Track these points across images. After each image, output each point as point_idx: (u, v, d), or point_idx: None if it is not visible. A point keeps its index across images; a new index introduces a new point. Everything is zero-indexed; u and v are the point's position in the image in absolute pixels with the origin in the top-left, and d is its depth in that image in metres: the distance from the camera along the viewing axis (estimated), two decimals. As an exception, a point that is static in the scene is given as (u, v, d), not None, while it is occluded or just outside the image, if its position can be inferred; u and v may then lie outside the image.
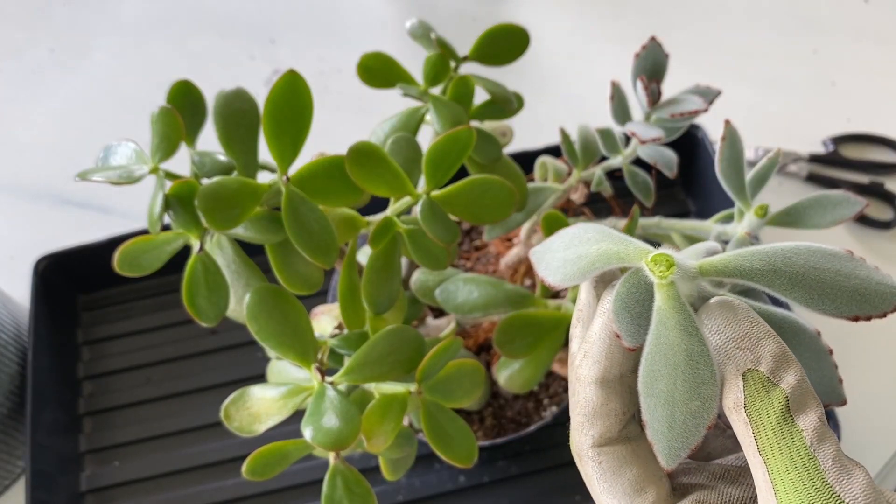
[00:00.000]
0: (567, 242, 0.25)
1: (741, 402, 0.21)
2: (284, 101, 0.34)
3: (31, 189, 0.72)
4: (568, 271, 0.24)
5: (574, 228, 0.26)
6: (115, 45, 0.81)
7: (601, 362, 0.24)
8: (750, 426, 0.21)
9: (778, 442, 0.20)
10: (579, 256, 0.24)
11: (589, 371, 0.24)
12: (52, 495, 0.55)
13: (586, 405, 0.24)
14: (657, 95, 0.43)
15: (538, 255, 0.26)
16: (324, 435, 0.33)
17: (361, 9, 0.83)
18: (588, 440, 0.24)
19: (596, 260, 0.23)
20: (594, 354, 0.24)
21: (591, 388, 0.24)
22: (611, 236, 0.24)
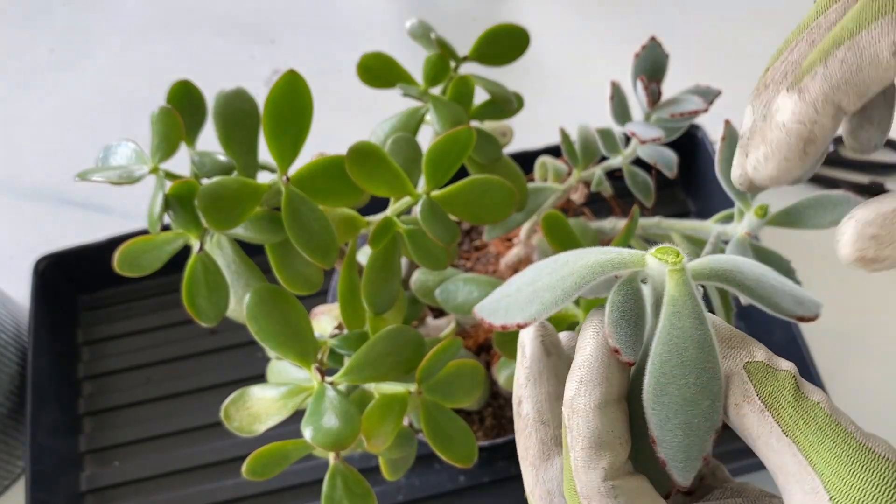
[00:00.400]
0: (532, 277, 0.24)
1: (752, 391, 0.21)
2: (284, 101, 0.34)
3: (31, 189, 0.72)
4: (547, 298, 0.22)
5: (533, 266, 0.24)
6: (115, 45, 0.81)
7: (601, 385, 0.22)
8: (768, 412, 0.21)
9: (801, 418, 0.21)
10: (562, 278, 0.22)
11: (589, 398, 0.22)
12: (52, 495, 0.55)
13: (591, 436, 0.22)
14: (657, 95, 0.43)
15: (487, 308, 0.24)
16: (324, 435, 0.33)
17: (361, 9, 0.83)
18: (599, 474, 0.22)
19: (587, 273, 0.22)
20: (593, 378, 0.22)
21: (594, 415, 0.22)
22: (593, 251, 0.23)
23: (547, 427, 0.24)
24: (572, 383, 0.22)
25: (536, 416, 0.24)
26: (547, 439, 0.24)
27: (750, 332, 0.61)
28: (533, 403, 0.24)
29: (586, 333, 0.23)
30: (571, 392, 0.22)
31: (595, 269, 0.22)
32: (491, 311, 0.23)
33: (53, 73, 0.79)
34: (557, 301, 0.22)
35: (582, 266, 0.22)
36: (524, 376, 0.24)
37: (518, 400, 0.24)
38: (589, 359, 0.23)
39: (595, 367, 0.22)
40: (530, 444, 0.24)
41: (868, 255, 0.20)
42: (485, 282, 0.45)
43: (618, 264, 0.22)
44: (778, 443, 0.21)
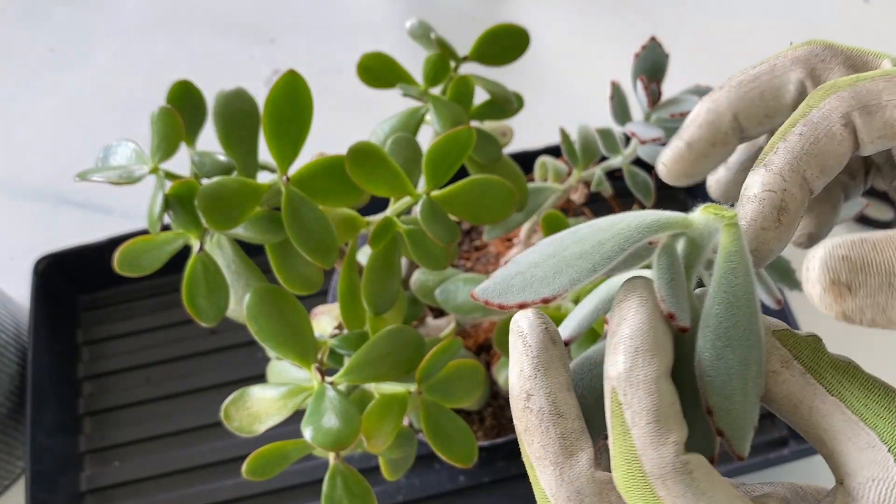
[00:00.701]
0: (551, 251, 0.22)
1: (789, 356, 0.21)
2: (284, 101, 0.34)
3: (31, 189, 0.72)
4: (583, 265, 0.20)
5: (544, 242, 0.23)
6: (115, 45, 0.81)
7: (658, 354, 0.20)
8: (809, 374, 0.21)
9: (843, 376, 0.21)
10: (599, 243, 0.21)
11: (649, 368, 0.20)
12: (52, 495, 0.55)
13: (656, 409, 0.20)
14: (657, 95, 0.43)
15: (494, 289, 0.22)
16: (324, 435, 0.33)
17: (361, 9, 0.83)
18: (671, 449, 0.20)
19: (632, 234, 0.20)
20: (649, 347, 0.20)
21: (656, 386, 0.20)
22: (626, 215, 0.22)
23: (565, 420, 0.21)
24: (623, 355, 0.20)
25: (552, 409, 0.22)
26: (567, 433, 0.21)
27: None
28: (546, 395, 0.22)
29: (630, 302, 0.21)
30: (626, 364, 0.20)
31: (640, 229, 0.21)
32: (500, 291, 0.22)
33: (53, 73, 0.79)
34: (595, 267, 0.20)
35: (623, 228, 0.21)
36: (531, 367, 0.22)
37: (525, 394, 0.22)
38: (642, 327, 0.21)
39: (650, 336, 0.21)
40: (549, 441, 0.21)
41: (841, 279, 0.19)
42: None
43: (664, 224, 0.21)
44: (824, 404, 0.21)
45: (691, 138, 0.24)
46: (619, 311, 0.21)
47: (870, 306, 0.19)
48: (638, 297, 0.21)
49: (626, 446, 0.20)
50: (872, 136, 0.22)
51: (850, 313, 0.19)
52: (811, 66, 0.24)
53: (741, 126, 0.24)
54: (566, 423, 0.21)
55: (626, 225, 0.21)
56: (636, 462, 0.20)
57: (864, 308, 0.19)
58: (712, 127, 0.24)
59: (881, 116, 0.22)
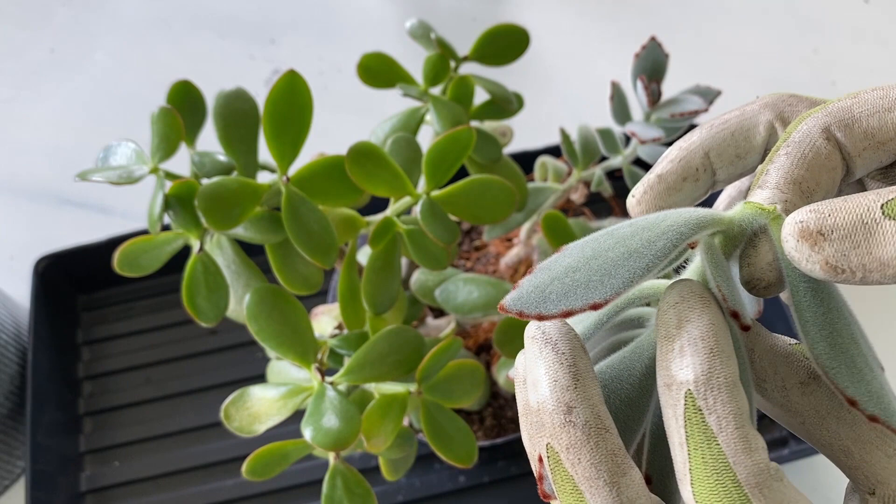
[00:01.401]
0: (589, 253, 0.20)
1: (813, 367, 0.21)
2: (284, 101, 0.34)
3: (31, 189, 0.72)
4: (636, 265, 0.19)
5: (574, 246, 0.21)
6: (115, 45, 0.81)
7: (732, 356, 0.19)
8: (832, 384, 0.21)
9: None
10: (649, 241, 0.20)
11: (728, 370, 0.19)
12: (52, 495, 0.55)
13: (741, 413, 0.19)
14: (657, 95, 0.43)
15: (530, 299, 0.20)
16: (324, 435, 0.33)
17: (361, 9, 0.83)
18: (762, 455, 0.18)
19: (686, 230, 0.20)
20: (724, 349, 0.19)
21: (737, 389, 0.19)
22: (668, 214, 0.21)
23: (612, 435, 0.20)
24: (700, 357, 0.19)
25: (598, 423, 0.20)
26: (616, 449, 0.20)
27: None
28: (590, 408, 0.20)
29: (692, 302, 0.20)
30: (704, 366, 0.19)
31: (690, 226, 0.20)
32: (538, 301, 0.20)
33: (53, 73, 0.79)
34: (649, 266, 0.19)
35: (672, 225, 0.20)
36: (570, 376, 0.20)
37: (564, 407, 0.20)
38: (712, 327, 0.19)
39: (721, 337, 0.19)
40: (600, 458, 0.19)
41: (811, 226, 0.18)
42: (485, 282, 0.45)
43: (710, 221, 0.20)
44: (850, 413, 0.21)
45: (662, 171, 0.24)
46: (678, 312, 0.20)
47: (850, 248, 0.18)
48: (699, 297, 0.20)
49: (711, 455, 0.19)
50: (858, 149, 0.22)
51: (832, 259, 0.18)
52: (779, 110, 0.25)
53: (712, 164, 0.24)
54: (613, 438, 0.20)
55: (674, 222, 0.20)
56: (728, 472, 0.18)
57: (845, 252, 0.18)
58: (683, 162, 0.24)
59: (859, 127, 0.22)
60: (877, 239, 0.18)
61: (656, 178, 0.24)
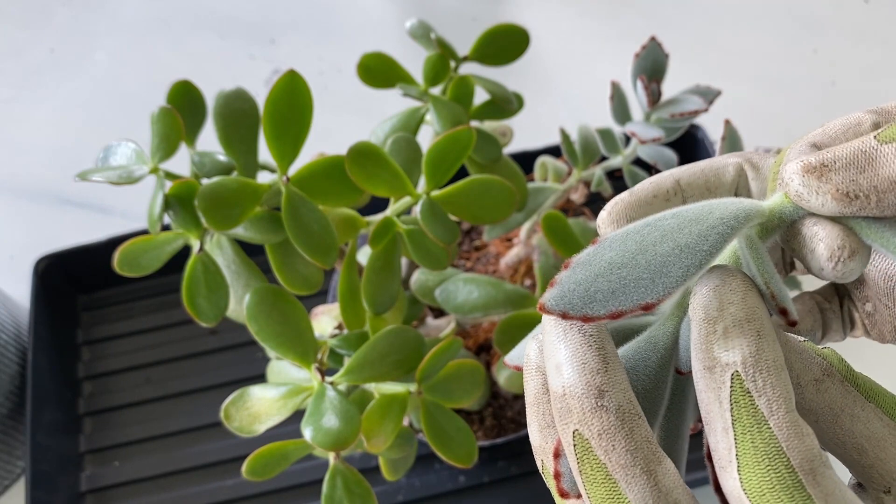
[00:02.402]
0: (633, 248, 0.19)
1: (827, 364, 0.21)
2: (284, 101, 0.34)
3: (31, 189, 0.72)
4: (691, 260, 0.19)
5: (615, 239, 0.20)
6: (115, 45, 0.81)
7: (776, 340, 0.19)
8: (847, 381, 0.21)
9: (872, 383, 0.21)
10: (700, 236, 0.19)
11: (776, 353, 0.19)
12: (52, 495, 0.55)
13: (790, 396, 0.18)
14: (657, 95, 0.43)
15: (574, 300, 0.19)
16: (324, 435, 0.33)
17: (361, 9, 0.83)
18: (813, 440, 0.18)
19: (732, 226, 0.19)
20: (768, 332, 0.19)
21: (784, 373, 0.18)
22: (713, 204, 0.20)
23: (644, 421, 0.19)
24: (747, 338, 0.18)
25: (631, 408, 0.19)
26: (649, 436, 0.19)
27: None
28: (623, 393, 0.19)
29: (734, 286, 0.19)
30: (752, 347, 0.18)
31: (739, 218, 0.19)
32: (584, 301, 0.19)
33: (53, 73, 0.79)
34: (702, 262, 0.18)
35: (720, 218, 0.19)
36: (600, 359, 0.19)
37: (596, 391, 0.19)
38: (755, 311, 0.19)
39: (766, 321, 0.19)
40: (636, 445, 0.18)
41: (812, 162, 0.18)
42: (485, 282, 0.45)
43: (756, 213, 0.20)
44: (863, 411, 0.20)
45: (635, 188, 0.25)
46: (720, 295, 0.19)
47: (857, 174, 0.18)
48: (742, 281, 0.19)
49: (762, 440, 0.18)
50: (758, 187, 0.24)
51: (842, 186, 0.18)
52: (748, 157, 0.26)
53: (683, 191, 0.25)
54: (646, 426, 0.19)
55: (723, 214, 0.19)
56: (781, 456, 0.17)
57: (852, 177, 0.18)
58: (654, 184, 0.25)
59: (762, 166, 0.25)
60: (880, 162, 0.18)
61: (629, 193, 0.25)
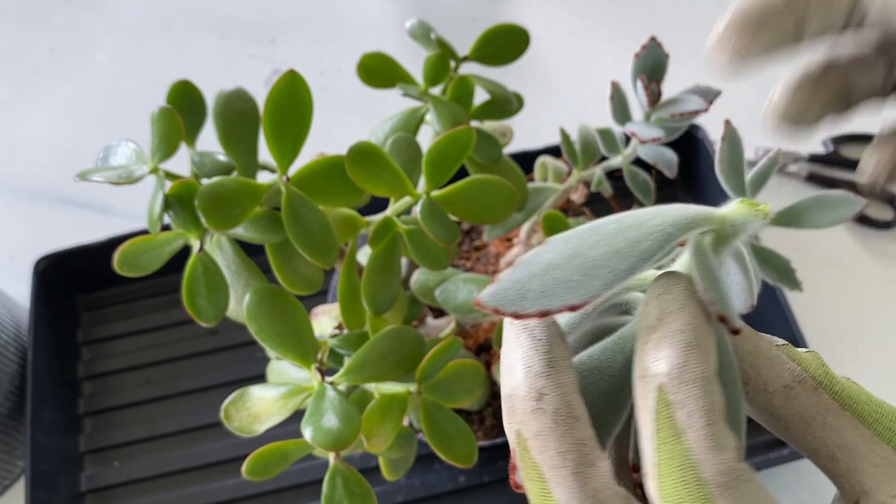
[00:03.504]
0: (571, 250, 0.20)
1: (799, 371, 0.21)
2: (284, 101, 0.34)
3: (31, 189, 0.72)
4: (618, 266, 0.19)
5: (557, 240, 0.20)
6: (115, 45, 0.81)
7: (710, 351, 0.19)
8: (821, 389, 0.21)
9: (852, 390, 0.21)
10: (634, 241, 0.19)
11: (705, 365, 0.18)
12: (52, 495, 0.55)
13: (713, 409, 0.18)
14: (657, 95, 0.43)
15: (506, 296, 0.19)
16: (324, 435, 0.33)
17: (361, 9, 0.83)
18: (732, 454, 0.18)
19: (673, 230, 0.19)
20: (702, 343, 0.19)
21: (712, 385, 0.18)
22: (658, 211, 0.20)
23: (581, 424, 0.19)
24: (675, 350, 0.18)
25: (568, 411, 0.19)
26: (585, 439, 0.19)
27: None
28: (561, 396, 0.19)
29: (675, 295, 0.20)
30: (678, 359, 0.18)
31: (679, 226, 0.19)
32: (516, 298, 0.19)
33: (53, 73, 0.79)
34: (632, 267, 0.18)
35: (660, 224, 0.19)
36: (543, 363, 0.20)
37: (536, 393, 0.19)
38: (692, 321, 0.19)
39: (700, 333, 0.19)
40: (567, 447, 0.19)
41: None
42: (485, 282, 0.45)
43: (701, 220, 0.20)
44: (836, 419, 0.20)
45: None
46: (661, 304, 0.20)
47: None
48: (683, 290, 0.20)
49: (678, 451, 0.18)
50: None
51: None
52: None
53: None
54: (583, 428, 0.19)
55: (663, 220, 0.19)
56: (692, 469, 0.18)
57: None
58: None
59: None
60: None
61: None
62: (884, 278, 0.66)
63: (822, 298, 0.63)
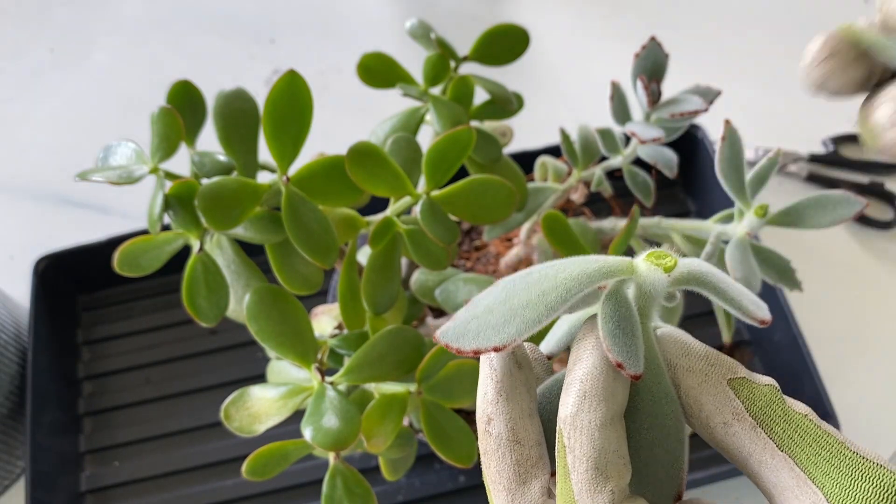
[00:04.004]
0: (504, 295, 0.22)
1: (741, 408, 0.21)
2: (284, 101, 0.34)
3: (31, 189, 0.72)
4: (528, 316, 0.20)
5: (501, 283, 0.22)
6: (115, 45, 0.81)
7: (606, 400, 0.21)
8: (760, 428, 0.21)
9: (794, 431, 0.21)
10: (543, 293, 0.21)
11: (594, 414, 0.20)
12: (52, 495, 0.55)
13: (596, 456, 0.20)
14: (657, 95, 0.43)
15: (453, 333, 0.21)
16: (324, 435, 0.33)
17: (361, 9, 0.83)
18: (605, 498, 0.20)
19: (574, 285, 0.21)
20: (597, 393, 0.21)
21: (599, 433, 0.20)
22: (574, 261, 0.22)
23: (522, 447, 0.22)
24: (572, 397, 0.21)
25: (510, 436, 0.22)
26: (523, 460, 0.22)
27: (751, 334, 0.61)
28: (506, 422, 0.22)
29: (586, 343, 0.22)
30: (573, 408, 0.21)
31: (581, 280, 0.21)
32: (458, 336, 0.21)
33: (53, 73, 0.79)
34: (540, 318, 0.20)
35: (566, 278, 0.21)
36: (494, 391, 0.22)
37: (486, 418, 0.22)
38: (592, 371, 0.21)
39: (599, 381, 0.21)
40: (503, 467, 0.22)
41: None
42: (485, 282, 0.45)
43: (606, 273, 0.21)
44: (773, 459, 0.20)
45: None
46: (576, 350, 0.22)
47: None
48: (594, 338, 0.21)
49: (566, 489, 0.20)
50: None
51: None
52: None
53: None
54: (523, 451, 0.22)
55: (569, 275, 0.21)
56: None
57: None
58: None
59: None
60: None
61: None
62: (884, 278, 0.66)
63: (822, 298, 0.63)
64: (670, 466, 0.22)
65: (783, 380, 0.59)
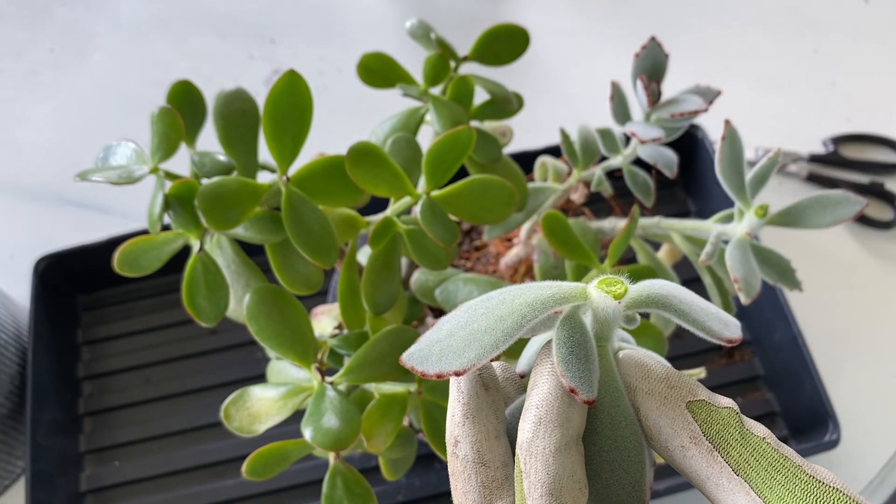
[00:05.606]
0: (465, 319, 0.22)
1: (698, 432, 0.21)
2: (284, 101, 0.34)
3: (31, 189, 0.72)
4: (486, 341, 0.21)
5: (464, 306, 0.23)
6: (115, 45, 0.81)
7: (561, 426, 0.21)
8: (717, 452, 0.21)
9: (751, 455, 0.21)
10: (500, 318, 0.21)
11: (548, 440, 0.21)
12: (52, 495, 0.55)
13: (550, 481, 0.20)
14: (657, 95, 0.43)
15: (418, 356, 0.22)
16: (324, 435, 0.33)
17: (361, 9, 0.83)
18: None
19: (528, 312, 0.21)
20: (552, 419, 0.21)
21: (554, 458, 0.21)
22: (531, 287, 0.22)
23: (487, 468, 0.22)
24: (528, 424, 0.21)
25: (476, 458, 0.22)
26: (488, 482, 0.22)
27: (751, 334, 0.61)
28: (471, 444, 0.22)
29: (542, 369, 0.22)
30: (528, 434, 0.21)
31: (535, 306, 0.21)
32: (422, 359, 0.22)
33: (53, 73, 0.79)
34: (497, 344, 0.21)
35: (521, 304, 0.21)
36: (461, 414, 0.22)
37: (454, 440, 0.22)
38: (548, 397, 0.21)
39: (554, 407, 0.21)
40: (469, 489, 0.22)
41: None
42: (485, 282, 0.45)
43: (560, 299, 0.21)
44: (729, 483, 0.21)
45: None
46: (534, 375, 0.22)
47: None
48: (550, 363, 0.22)
49: None
50: None
51: None
52: None
53: None
54: (488, 472, 0.22)
55: (524, 301, 0.21)
56: None
57: None
58: None
59: None
60: None
61: None
62: (884, 278, 0.66)
63: (822, 298, 0.63)
64: (631, 488, 0.22)
65: (783, 380, 0.59)
